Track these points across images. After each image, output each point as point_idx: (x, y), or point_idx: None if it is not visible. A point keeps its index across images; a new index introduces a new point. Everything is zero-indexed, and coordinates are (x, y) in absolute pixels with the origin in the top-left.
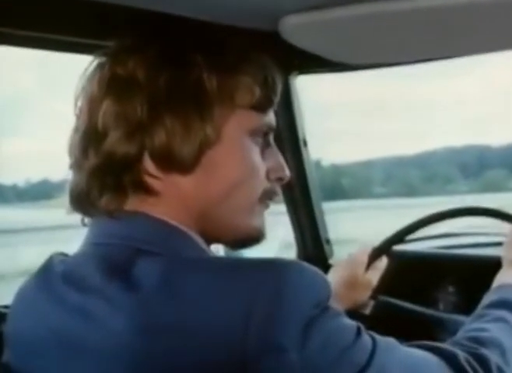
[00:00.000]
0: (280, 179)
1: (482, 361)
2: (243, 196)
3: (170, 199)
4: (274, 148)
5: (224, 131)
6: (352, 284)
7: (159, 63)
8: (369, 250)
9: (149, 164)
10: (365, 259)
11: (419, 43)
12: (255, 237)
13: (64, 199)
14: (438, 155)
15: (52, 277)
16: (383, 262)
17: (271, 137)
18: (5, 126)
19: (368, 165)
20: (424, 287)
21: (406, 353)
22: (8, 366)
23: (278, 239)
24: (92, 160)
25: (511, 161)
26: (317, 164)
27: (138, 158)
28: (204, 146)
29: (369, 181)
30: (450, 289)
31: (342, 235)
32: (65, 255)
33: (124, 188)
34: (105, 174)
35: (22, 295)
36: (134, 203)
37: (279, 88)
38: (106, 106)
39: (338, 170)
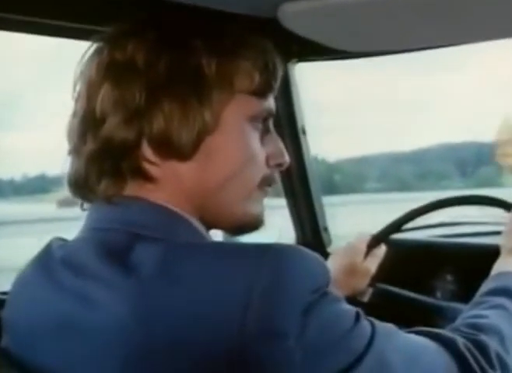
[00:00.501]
0: (279, 165)
1: (481, 347)
2: (242, 182)
3: (169, 185)
4: (273, 134)
5: (223, 117)
6: (350, 271)
7: (158, 48)
8: (367, 238)
9: (147, 150)
10: (363, 246)
11: (418, 30)
12: (253, 224)
13: (60, 193)
14: (432, 152)
15: (51, 262)
16: (381, 249)
17: (270, 123)
18: (2, 120)
19: (363, 161)
20: (422, 276)
21: (405, 339)
22: (7, 351)
23: (277, 228)
24: (91, 145)
25: None
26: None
27: (136, 144)
28: (202, 132)
29: (363, 177)
30: (448, 278)
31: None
32: (64, 240)
33: (123, 174)
34: (103, 159)
35: (21, 280)
36: (132, 189)
37: (280, 73)
38: (105, 91)
39: (330, 166)
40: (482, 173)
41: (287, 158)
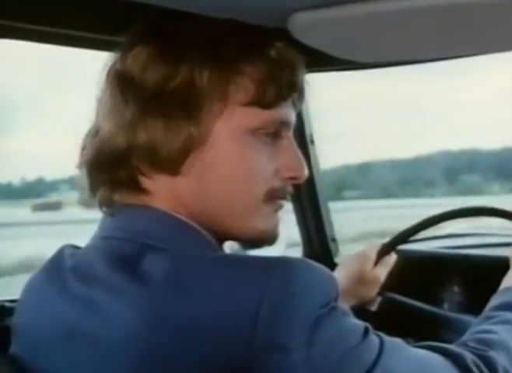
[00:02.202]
0: (294, 179)
1: (489, 363)
2: (242, 197)
3: (166, 198)
4: (289, 145)
5: (216, 130)
6: (359, 279)
7: (152, 60)
8: (377, 247)
9: (139, 162)
10: (373, 254)
11: (429, 42)
12: (264, 239)
13: (52, 198)
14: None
15: (62, 270)
16: (392, 258)
17: (286, 133)
18: (2, 125)
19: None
20: (429, 287)
21: (413, 354)
22: (15, 358)
23: (283, 238)
24: (88, 154)
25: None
26: None
27: (127, 155)
28: (189, 145)
29: (342, 185)
30: (456, 289)
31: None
32: (76, 247)
33: (121, 184)
34: (101, 169)
35: (31, 287)
36: (130, 201)
37: (296, 81)
38: (104, 102)
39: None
40: (466, 181)
41: (304, 172)
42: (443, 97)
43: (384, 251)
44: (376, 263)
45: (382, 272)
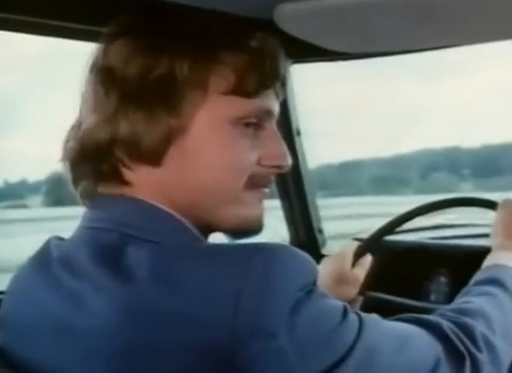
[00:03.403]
0: (277, 167)
1: (466, 329)
2: (223, 186)
3: (149, 190)
4: (272, 134)
5: (196, 120)
6: (339, 279)
7: (133, 52)
8: (354, 247)
9: (120, 154)
10: (350, 255)
11: (413, 32)
12: (249, 227)
13: (30, 200)
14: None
15: (49, 260)
16: (367, 259)
17: (268, 122)
18: None
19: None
20: (416, 278)
21: (390, 328)
22: (3, 348)
23: (271, 230)
24: (71, 146)
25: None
26: None
27: (110, 147)
28: (170, 136)
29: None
30: (442, 279)
31: None
32: (62, 239)
33: (104, 176)
34: (83, 161)
35: (19, 278)
36: (116, 192)
37: (277, 70)
38: (87, 95)
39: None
40: (435, 179)
41: (286, 161)
42: (427, 98)
43: (360, 252)
44: (354, 263)
45: (360, 272)
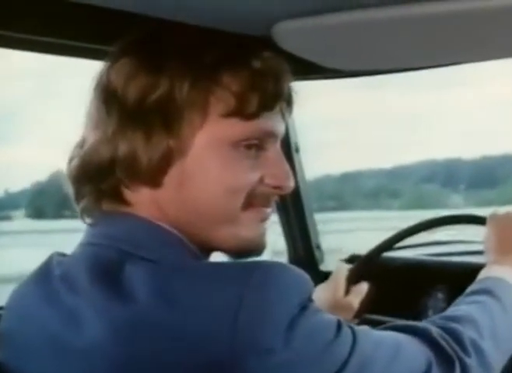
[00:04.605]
0: (278, 188)
1: (454, 334)
2: (221, 207)
3: (149, 209)
4: (274, 155)
5: (195, 142)
6: (333, 306)
7: (134, 72)
8: (345, 272)
9: (121, 174)
10: (343, 281)
11: (412, 50)
12: (249, 248)
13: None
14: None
15: (51, 278)
16: (363, 287)
17: (272, 144)
18: None
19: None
20: (414, 294)
21: (381, 338)
22: (2, 365)
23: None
24: (74, 166)
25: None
26: None
27: (111, 168)
28: (169, 157)
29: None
30: (440, 296)
31: None
32: (63, 255)
33: (105, 195)
34: (85, 179)
35: (19, 294)
36: (117, 209)
37: (280, 90)
38: (90, 114)
39: None
40: (425, 192)
41: (289, 183)
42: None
43: (352, 276)
44: (347, 290)
45: (354, 300)
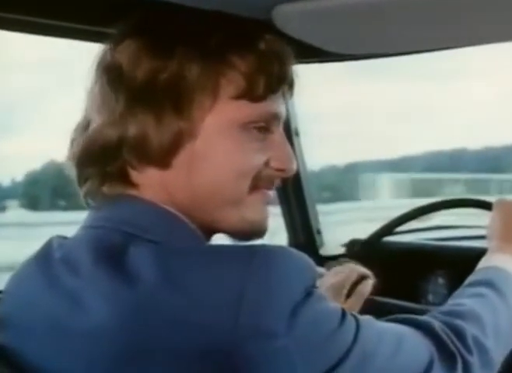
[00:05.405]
0: (282, 171)
1: (457, 331)
2: (228, 188)
3: (155, 191)
4: (279, 138)
5: (205, 123)
6: None
7: (141, 53)
8: (355, 276)
9: (129, 155)
10: (348, 286)
11: (413, 33)
12: (254, 230)
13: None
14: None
15: (52, 261)
16: (367, 286)
17: (276, 127)
18: None
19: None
20: (414, 279)
21: (385, 328)
22: (3, 348)
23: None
24: (77, 148)
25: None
26: None
27: (118, 148)
28: (179, 139)
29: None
30: (440, 281)
31: None
32: (64, 238)
33: (110, 177)
34: (89, 163)
35: (19, 278)
36: (122, 192)
37: (285, 73)
38: (94, 95)
39: None
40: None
41: (292, 166)
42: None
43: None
44: (349, 293)
45: (356, 301)
